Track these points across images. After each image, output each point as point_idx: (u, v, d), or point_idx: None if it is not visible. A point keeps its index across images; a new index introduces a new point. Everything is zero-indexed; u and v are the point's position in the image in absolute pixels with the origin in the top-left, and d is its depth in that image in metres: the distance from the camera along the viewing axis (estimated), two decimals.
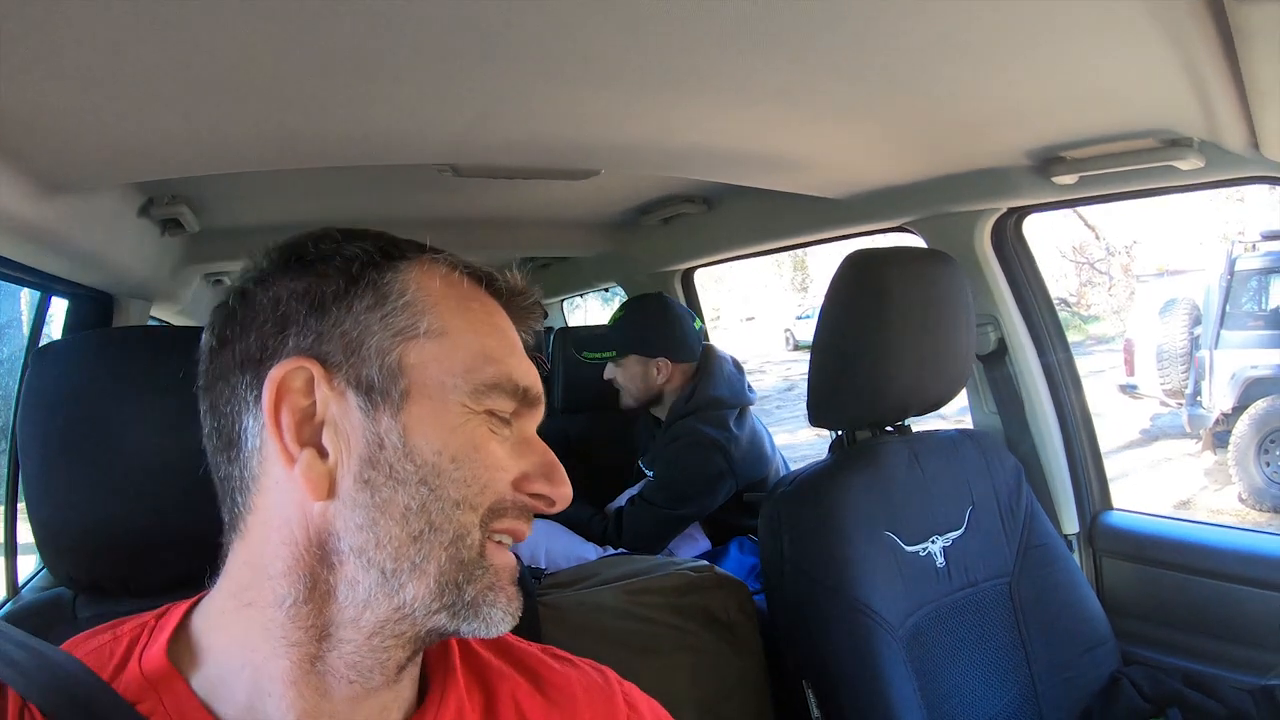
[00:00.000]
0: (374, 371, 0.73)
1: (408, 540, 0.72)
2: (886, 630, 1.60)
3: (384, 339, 0.74)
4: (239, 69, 1.15)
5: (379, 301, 0.75)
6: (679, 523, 2.57)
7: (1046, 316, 2.23)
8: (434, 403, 0.74)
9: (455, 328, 0.77)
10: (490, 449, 0.76)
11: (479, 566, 0.75)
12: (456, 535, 0.73)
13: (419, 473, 0.73)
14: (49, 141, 1.36)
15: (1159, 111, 1.50)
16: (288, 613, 0.73)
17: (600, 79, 1.31)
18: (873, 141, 1.74)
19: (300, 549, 0.73)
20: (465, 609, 0.74)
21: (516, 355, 0.82)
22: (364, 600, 0.73)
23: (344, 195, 2.45)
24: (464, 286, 0.81)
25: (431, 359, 0.75)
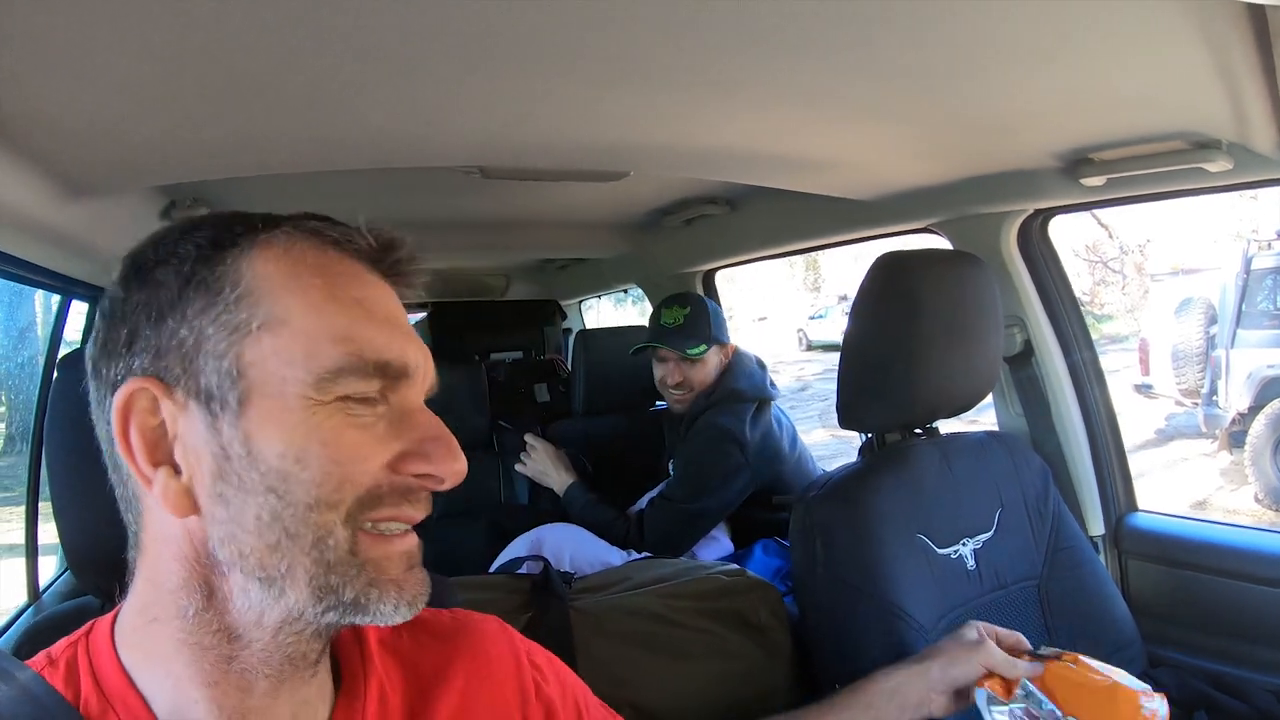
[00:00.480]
0: (211, 379, 0.69)
1: (267, 551, 0.69)
2: (920, 634, 1.59)
3: (219, 341, 0.69)
4: (269, 71, 1.15)
5: (210, 302, 0.70)
6: (698, 519, 2.56)
7: (1072, 318, 2.21)
8: (273, 401, 0.69)
9: (295, 312, 0.71)
10: (344, 440, 0.70)
11: (351, 565, 0.71)
12: (317, 539, 0.69)
13: (264, 480, 0.68)
14: (73, 144, 1.36)
15: (1189, 113, 1.49)
16: (192, 622, 0.72)
17: (633, 80, 1.30)
18: (901, 142, 1.73)
19: (191, 561, 0.71)
20: (349, 608, 0.72)
21: (376, 325, 0.74)
22: (257, 605, 0.71)
23: (364, 197, 2.44)
24: (312, 259, 0.74)
25: (270, 353, 0.70)
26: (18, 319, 4.63)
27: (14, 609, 2.10)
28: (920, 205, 2.18)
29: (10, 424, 5.27)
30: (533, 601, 1.62)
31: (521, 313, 4.60)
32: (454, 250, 3.46)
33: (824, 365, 19.80)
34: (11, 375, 5.20)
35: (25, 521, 2.25)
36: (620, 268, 3.85)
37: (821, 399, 15.64)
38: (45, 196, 1.51)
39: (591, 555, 2.22)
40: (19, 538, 2.27)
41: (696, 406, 2.74)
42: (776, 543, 2.45)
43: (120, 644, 0.75)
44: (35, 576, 2.19)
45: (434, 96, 1.33)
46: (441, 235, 3.08)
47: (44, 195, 1.50)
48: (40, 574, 2.22)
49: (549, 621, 1.56)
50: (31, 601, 2.13)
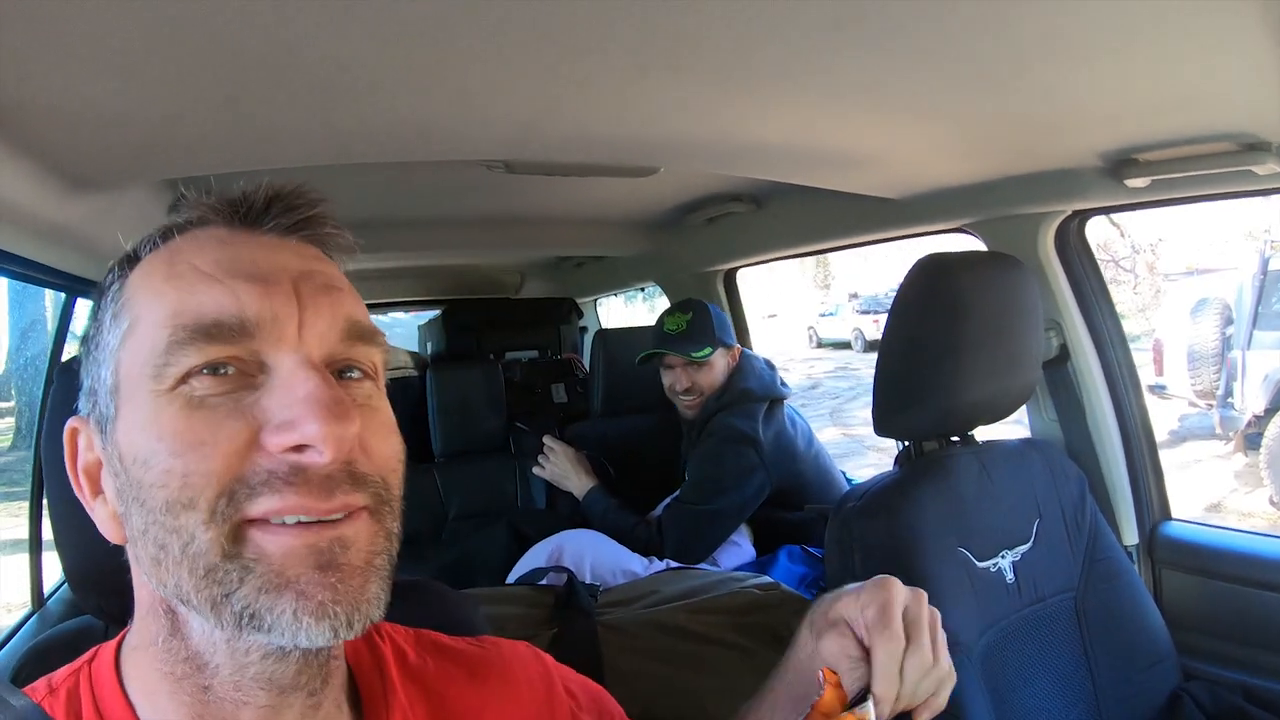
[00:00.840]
0: (102, 398, 0.68)
1: (155, 566, 0.64)
2: (962, 651, 1.54)
3: (103, 361, 0.68)
4: (284, 59, 1.11)
5: (99, 326, 0.69)
6: (715, 521, 2.54)
7: (1109, 321, 2.18)
8: (131, 406, 0.65)
9: (143, 307, 0.66)
10: (185, 428, 0.62)
11: (232, 569, 0.61)
12: (183, 546, 0.61)
13: (132, 490, 0.63)
14: (77, 135, 1.32)
15: (1241, 114, 1.46)
16: (162, 649, 0.68)
17: (667, 72, 1.26)
18: (942, 139, 1.70)
19: (151, 589, 0.68)
20: (251, 624, 0.61)
21: (206, 284, 0.66)
22: (202, 624, 0.65)
23: (380, 192, 2.42)
24: (167, 247, 0.70)
25: (128, 358, 0.65)
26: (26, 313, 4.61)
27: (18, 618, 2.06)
28: (955, 205, 2.14)
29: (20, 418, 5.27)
30: (557, 616, 1.59)
31: (537, 311, 4.57)
32: (470, 247, 3.44)
33: (834, 363, 19.88)
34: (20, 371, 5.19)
35: (29, 523, 2.21)
36: (639, 266, 3.82)
37: (832, 396, 15.70)
38: (47, 191, 1.47)
39: (612, 563, 2.18)
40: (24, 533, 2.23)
41: (707, 409, 2.74)
42: (802, 549, 2.42)
43: (125, 674, 0.72)
44: (40, 582, 2.15)
45: (460, 87, 1.28)
46: (456, 232, 3.07)
47: (46, 189, 1.46)
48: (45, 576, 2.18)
49: (575, 637, 1.53)
50: (36, 609, 2.09)
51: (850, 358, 20.17)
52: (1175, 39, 1.15)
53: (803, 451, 2.74)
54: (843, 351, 21.22)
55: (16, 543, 2.44)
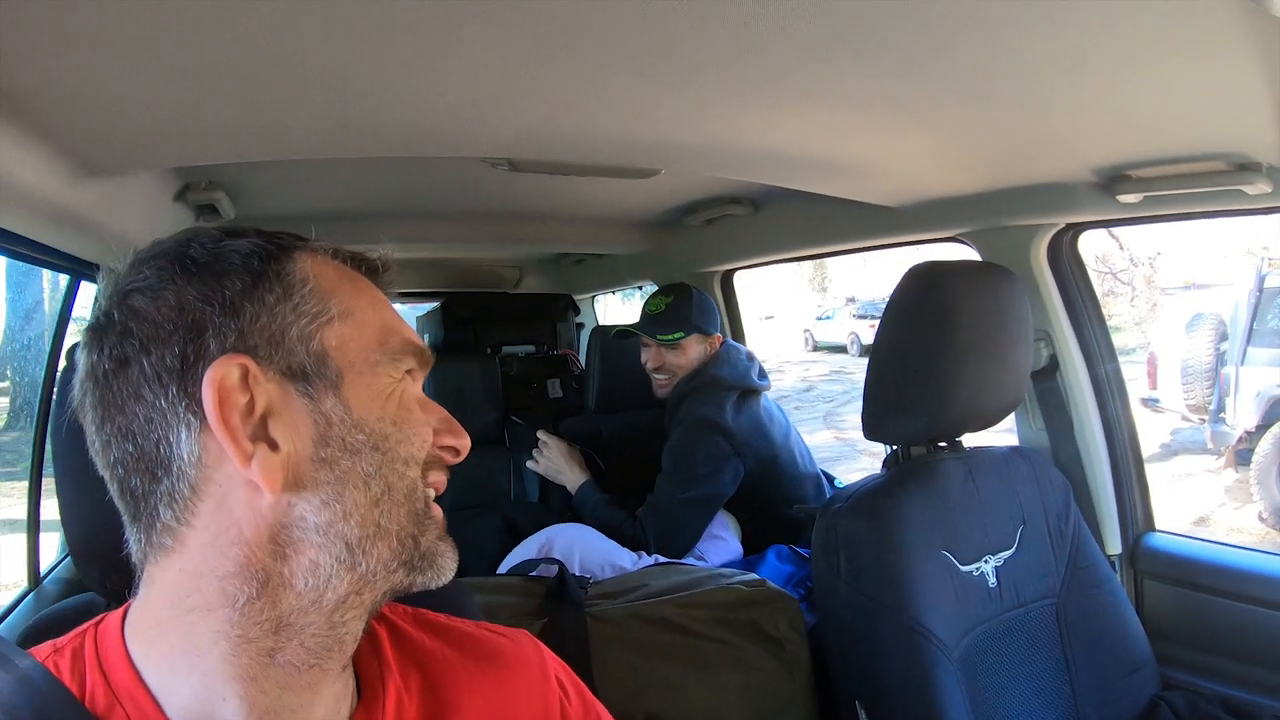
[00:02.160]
0: (303, 358, 0.75)
1: (370, 505, 0.76)
2: (943, 652, 1.57)
3: (302, 327, 0.76)
4: (295, 52, 1.13)
5: (287, 293, 0.76)
6: (692, 508, 2.56)
7: (1099, 334, 2.19)
8: (365, 377, 0.78)
9: (358, 306, 0.80)
10: (415, 409, 0.82)
11: (427, 518, 0.81)
12: (409, 490, 0.79)
13: (370, 440, 0.76)
14: (88, 121, 1.33)
15: (1234, 134, 1.48)
16: (241, 610, 0.72)
17: (673, 77, 1.28)
18: (940, 151, 1.71)
19: (251, 547, 0.72)
20: (421, 560, 0.80)
21: (403, 322, 0.86)
22: (325, 580, 0.74)
23: (383, 186, 2.43)
24: (346, 269, 0.84)
25: (349, 338, 0.78)
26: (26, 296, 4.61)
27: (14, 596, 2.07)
28: (950, 214, 2.16)
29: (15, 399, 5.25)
30: (547, 607, 1.60)
31: (535, 306, 4.56)
32: (470, 242, 3.44)
33: (829, 366, 19.85)
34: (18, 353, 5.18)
35: (28, 502, 2.21)
36: (636, 264, 3.83)
37: (826, 400, 15.68)
38: (57, 175, 1.48)
39: (601, 557, 2.20)
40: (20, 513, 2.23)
41: (676, 393, 2.77)
42: (790, 549, 2.43)
43: (132, 639, 0.75)
44: (36, 560, 2.16)
45: (468, 84, 1.30)
46: (457, 226, 3.08)
47: (56, 174, 1.47)
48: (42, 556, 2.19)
49: (565, 628, 1.55)
50: (32, 587, 2.09)
51: (845, 362, 20.12)
52: (1169, 59, 1.17)
53: (779, 442, 2.75)
54: (838, 355, 21.16)
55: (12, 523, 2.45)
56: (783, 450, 2.75)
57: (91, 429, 0.75)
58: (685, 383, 2.75)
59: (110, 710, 0.72)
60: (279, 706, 0.74)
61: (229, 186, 2.16)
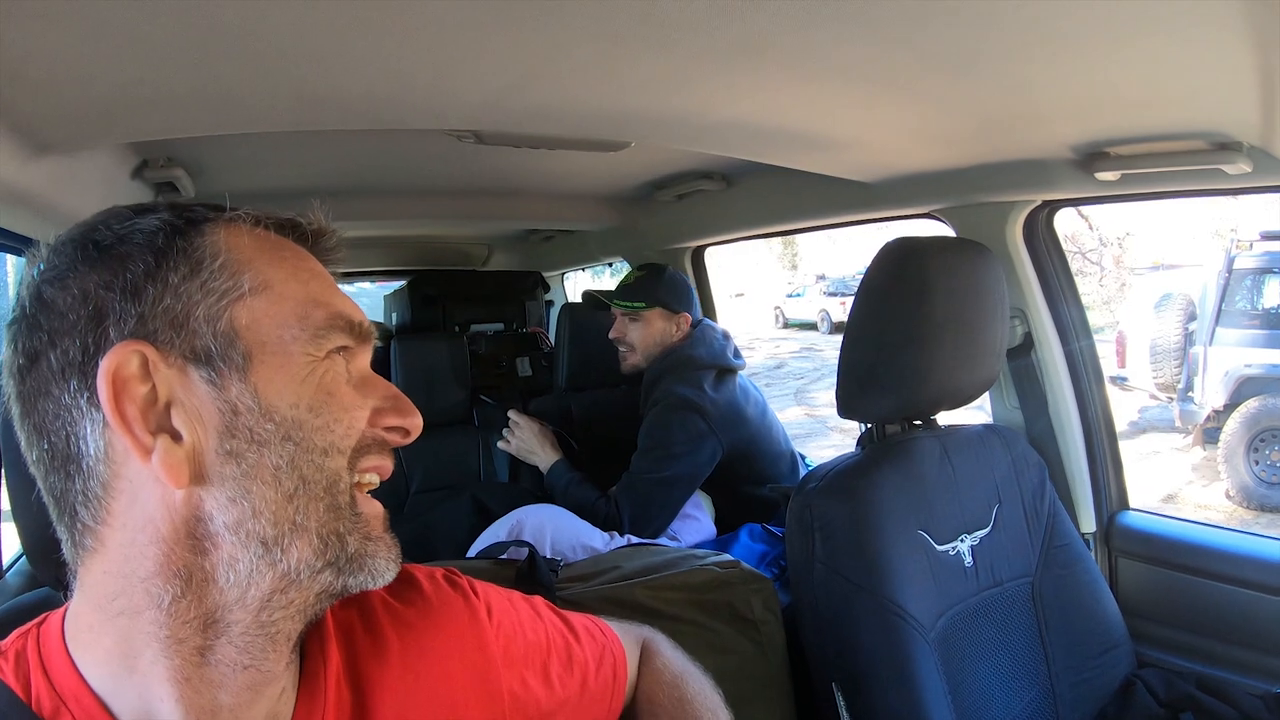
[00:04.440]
0: (208, 340, 0.71)
1: (283, 501, 0.72)
2: (919, 633, 1.57)
3: (210, 306, 0.72)
4: (252, 20, 1.08)
5: (194, 270, 0.73)
6: (668, 487, 2.55)
7: (1074, 312, 2.19)
8: (278, 357, 0.74)
9: (276, 279, 0.76)
10: (342, 390, 0.77)
11: (352, 516, 0.77)
12: (329, 483, 0.75)
13: (280, 430, 0.72)
14: (39, 96, 1.28)
15: (1215, 114, 1.47)
16: (168, 611, 0.70)
17: (642, 45, 1.24)
18: (916, 125, 1.69)
19: (169, 544, 0.70)
20: (350, 563, 0.76)
21: (338, 294, 0.81)
22: (246, 577, 0.72)
23: (346, 161, 2.39)
24: (271, 238, 0.80)
25: (263, 315, 0.74)
26: None
27: None
28: (925, 190, 2.14)
29: None
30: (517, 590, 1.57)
31: (503, 284, 4.53)
32: (437, 218, 3.43)
33: (799, 343, 19.96)
34: None
35: None
36: (607, 241, 3.81)
37: (797, 377, 15.78)
38: (7, 153, 1.43)
39: (572, 538, 2.18)
40: None
41: (651, 372, 2.76)
42: (763, 528, 2.42)
43: (71, 642, 0.73)
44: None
45: (431, 54, 1.26)
46: (423, 202, 3.06)
47: (6, 152, 1.42)
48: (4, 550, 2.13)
49: None
50: None
51: (816, 339, 20.28)
52: (1151, 36, 1.15)
53: (754, 421, 2.74)
54: (809, 333, 21.33)
55: None
56: (759, 429, 2.75)
57: (16, 425, 0.74)
58: (661, 361, 2.74)
59: (56, 713, 0.70)
60: (216, 707, 0.72)
61: (188, 163, 2.11)
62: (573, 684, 1.07)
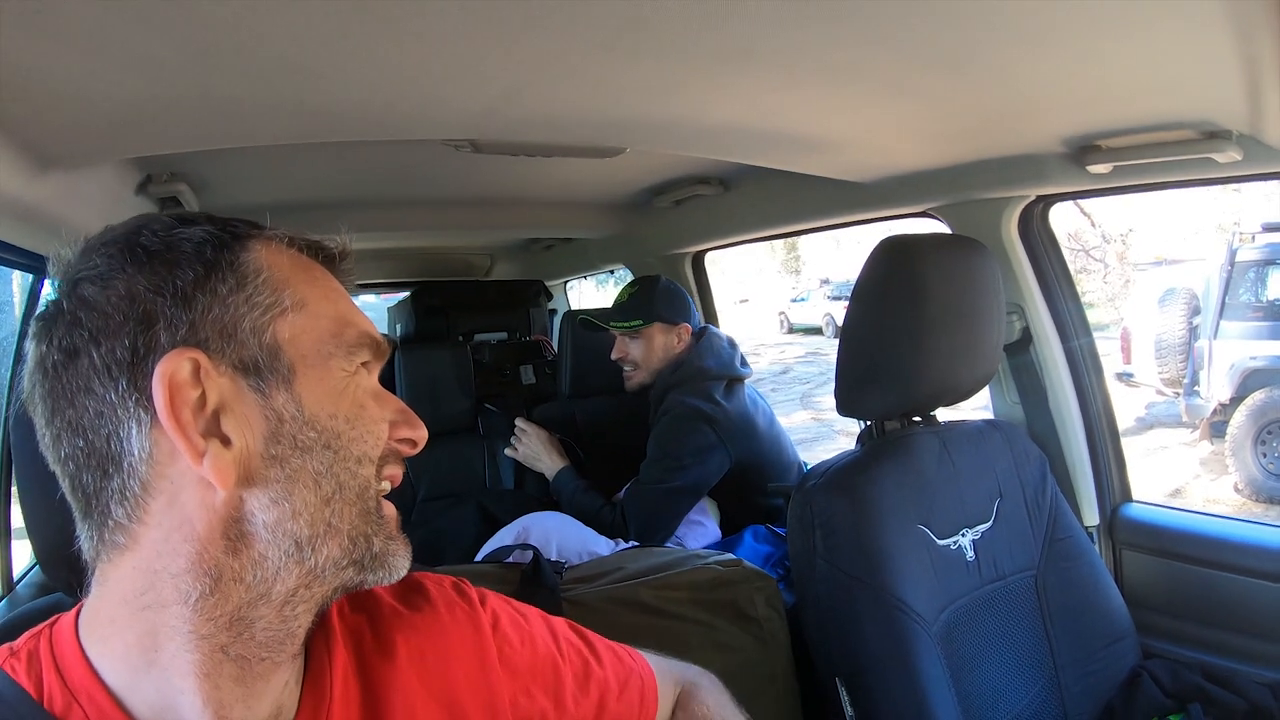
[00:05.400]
0: (255, 351, 0.74)
1: (321, 504, 0.75)
2: (922, 627, 1.57)
3: (255, 318, 0.75)
4: (252, 35, 1.10)
5: (240, 283, 0.75)
6: (676, 497, 2.54)
7: (1071, 306, 2.19)
8: (318, 371, 0.77)
9: (312, 297, 0.79)
10: (369, 404, 0.81)
11: (379, 517, 0.81)
12: (361, 489, 0.79)
13: (322, 438, 0.76)
14: (44, 112, 1.30)
15: (1204, 103, 1.47)
16: (194, 607, 0.72)
17: (635, 51, 1.25)
18: (908, 124, 1.70)
19: (204, 543, 0.72)
20: (373, 560, 0.80)
21: (359, 313, 0.85)
22: (274, 573, 0.74)
23: (347, 173, 2.40)
24: (302, 258, 0.83)
25: (302, 331, 0.77)
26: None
27: None
28: (920, 189, 2.14)
29: None
30: (522, 592, 1.58)
31: (506, 293, 4.55)
32: (438, 229, 3.44)
33: (805, 348, 19.92)
34: None
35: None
36: (607, 248, 3.81)
37: (803, 381, 15.74)
38: (12, 169, 1.44)
39: (578, 544, 2.18)
40: None
41: (661, 385, 2.74)
42: (767, 529, 2.42)
43: (86, 637, 0.74)
44: (9, 566, 2.12)
45: (428, 65, 1.27)
46: (425, 213, 3.06)
47: (11, 167, 1.43)
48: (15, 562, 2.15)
49: None
50: (5, 593, 2.05)
51: (821, 343, 20.21)
52: (1139, 26, 1.16)
53: (763, 431, 2.73)
54: (814, 337, 21.26)
55: None
56: (767, 439, 2.74)
57: (41, 422, 0.74)
58: (669, 374, 2.72)
59: (68, 709, 0.71)
60: (232, 699, 0.74)
61: (191, 178, 2.13)
62: (588, 704, 1.07)
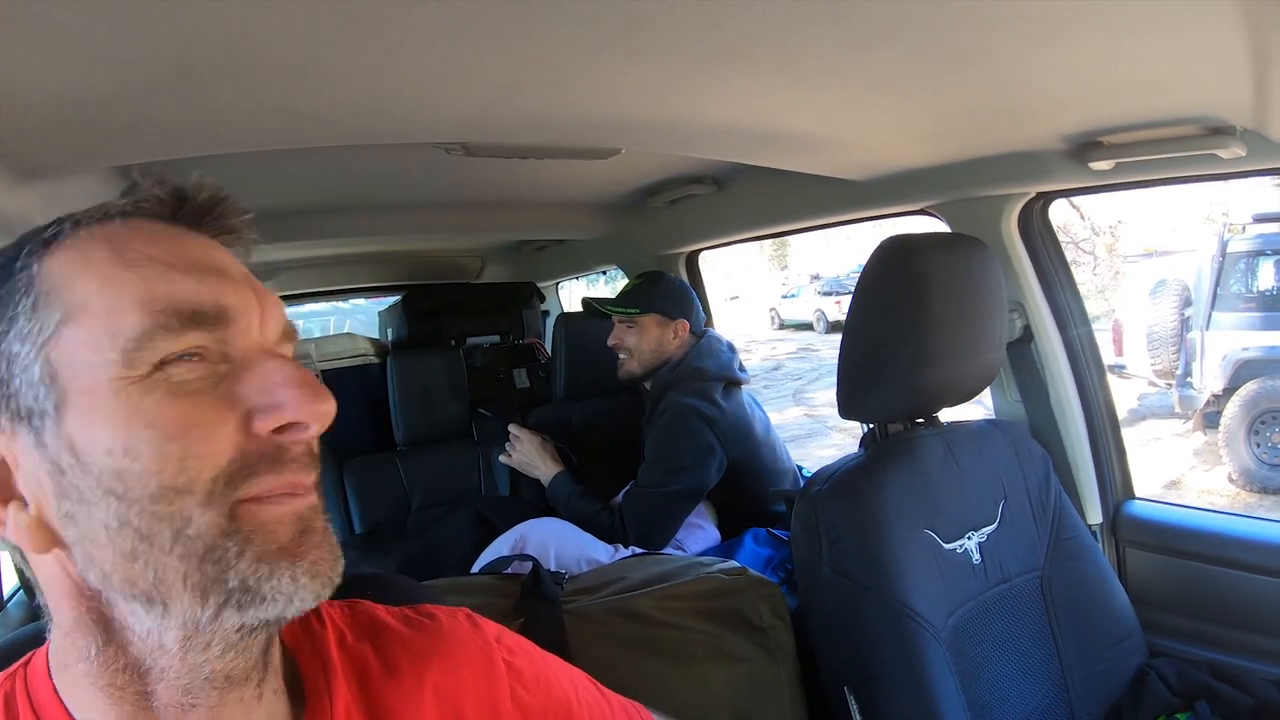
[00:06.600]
0: (27, 395, 0.63)
1: (126, 563, 0.62)
2: (930, 632, 1.56)
3: (26, 353, 0.63)
4: (238, 38, 1.06)
5: (10, 313, 0.64)
6: (676, 500, 2.52)
7: (1072, 303, 2.18)
8: (88, 396, 0.62)
9: (90, 293, 0.64)
10: (173, 414, 0.62)
11: (229, 546, 0.63)
12: (175, 533, 0.62)
13: (101, 484, 0.61)
14: (20, 120, 1.25)
15: (1207, 97, 1.45)
16: (95, 665, 0.66)
17: (628, 50, 1.22)
18: (906, 121, 1.67)
19: (76, 598, 0.66)
20: (243, 598, 0.63)
21: (178, 274, 0.66)
22: (152, 629, 0.65)
23: (337, 178, 2.36)
24: (100, 235, 0.68)
25: (76, 346, 0.63)
26: None
27: None
28: (918, 187, 2.12)
29: None
30: (523, 605, 1.57)
31: (498, 296, 4.52)
32: (428, 232, 3.40)
33: (796, 344, 19.98)
34: None
35: None
36: (600, 249, 3.78)
37: (794, 378, 15.78)
38: None
39: (576, 551, 2.17)
40: None
41: (659, 384, 2.73)
42: (768, 532, 2.41)
43: (58, 679, 0.70)
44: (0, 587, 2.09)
45: (414, 66, 1.24)
46: (414, 216, 3.02)
47: None
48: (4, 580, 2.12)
49: (542, 626, 1.51)
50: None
51: (812, 339, 20.29)
52: (1141, 21, 1.14)
53: (760, 437, 2.72)
54: (805, 333, 21.35)
55: None
56: (764, 444, 2.73)
57: None
58: (668, 372, 2.72)
59: None
60: None
61: None
62: None
